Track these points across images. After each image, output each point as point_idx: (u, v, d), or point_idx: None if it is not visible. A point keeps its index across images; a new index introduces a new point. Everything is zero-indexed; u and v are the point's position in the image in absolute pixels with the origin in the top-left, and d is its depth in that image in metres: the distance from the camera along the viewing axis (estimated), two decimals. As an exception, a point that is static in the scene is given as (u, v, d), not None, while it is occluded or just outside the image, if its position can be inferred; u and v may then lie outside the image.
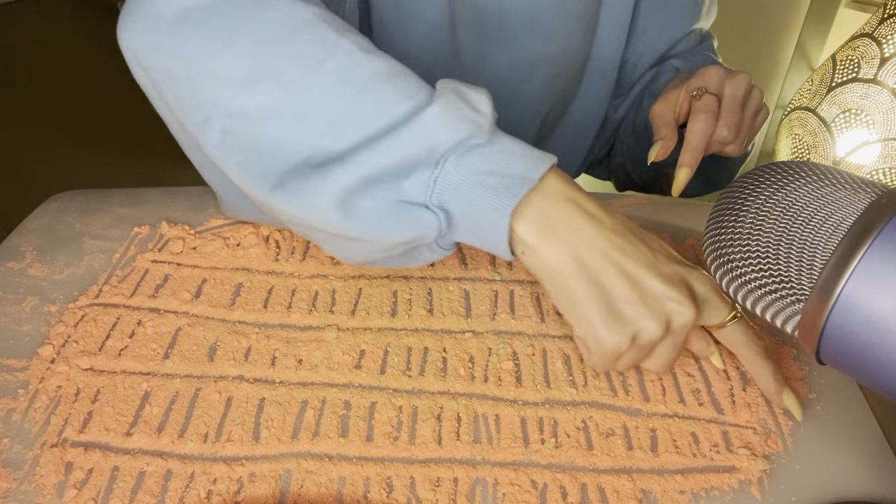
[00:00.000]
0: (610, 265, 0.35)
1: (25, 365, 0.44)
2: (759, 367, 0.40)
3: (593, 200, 0.37)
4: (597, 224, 0.36)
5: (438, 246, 0.38)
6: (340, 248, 0.39)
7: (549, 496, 0.37)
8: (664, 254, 0.38)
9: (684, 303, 0.36)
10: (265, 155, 0.35)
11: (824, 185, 0.31)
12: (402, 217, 0.35)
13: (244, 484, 0.38)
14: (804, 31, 1.35)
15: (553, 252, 0.36)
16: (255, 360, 0.45)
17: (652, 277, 0.36)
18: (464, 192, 0.35)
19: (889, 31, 1.02)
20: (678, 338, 0.37)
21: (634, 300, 0.35)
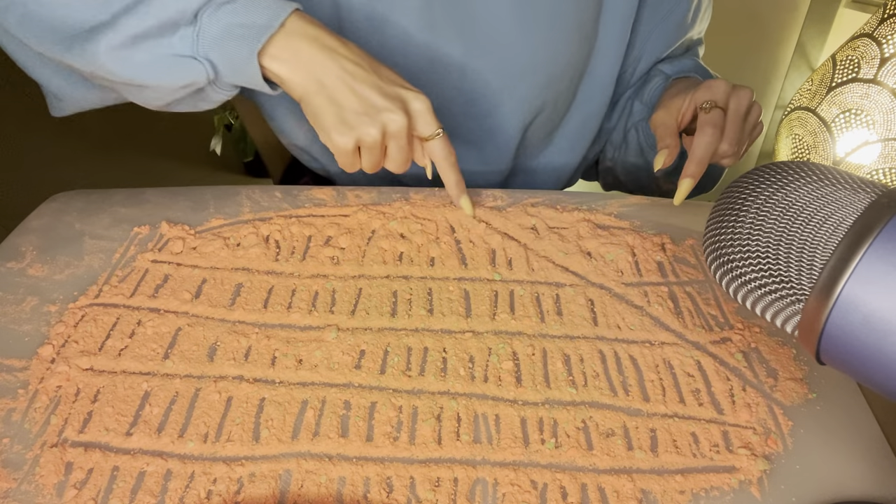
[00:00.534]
0: (342, 84, 0.46)
1: (25, 365, 0.44)
2: (445, 176, 0.53)
3: (334, 36, 0.47)
4: (332, 53, 0.46)
5: (219, 88, 0.47)
6: (137, 95, 0.48)
7: (549, 496, 0.37)
8: (390, 78, 0.48)
9: (396, 112, 0.47)
10: (55, 26, 0.44)
11: (824, 185, 0.31)
12: (174, 66, 0.44)
13: (244, 484, 0.38)
14: (804, 31, 1.35)
15: (298, 77, 0.46)
16: (255, 360, 0.45)
17: (374, 93, 0.46)
18: (220, 43, 0.44)
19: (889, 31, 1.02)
20: (399, 141, 0.48)
21: (359, 110, 0.46)
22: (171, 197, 0.59)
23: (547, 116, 0.68)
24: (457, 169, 0.53)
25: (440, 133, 0.50)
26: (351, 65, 0.46)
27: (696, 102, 0.55)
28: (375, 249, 0.54)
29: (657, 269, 0.54)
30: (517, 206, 0.59)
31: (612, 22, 0.63)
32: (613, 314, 0.49)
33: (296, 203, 0.59)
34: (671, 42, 0.67)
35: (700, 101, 0.55)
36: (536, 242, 0.55)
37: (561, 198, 0.61)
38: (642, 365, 0.45)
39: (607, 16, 0.62)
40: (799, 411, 0.43)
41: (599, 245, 0.55)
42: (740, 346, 0.47)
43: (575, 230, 0.57)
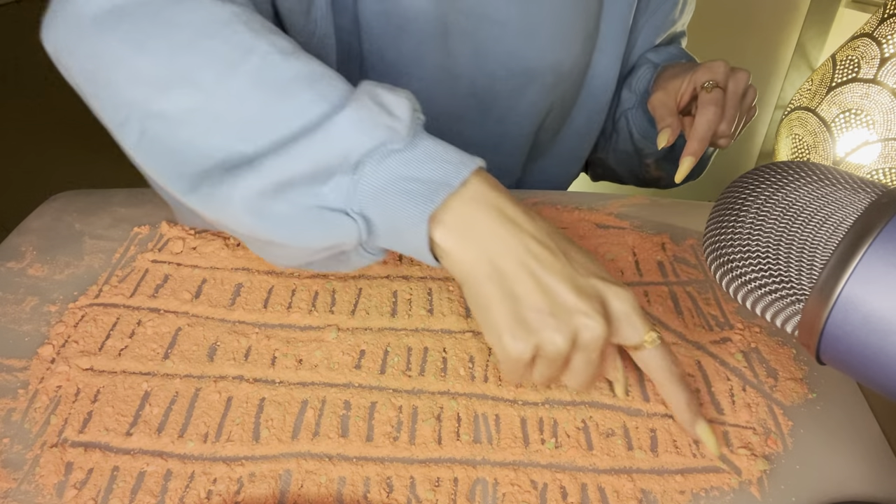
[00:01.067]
0: (523, 272, 0.35)
1: (25, 365, 0.44)
2: (674, 396, 0.39)
3: (519, 206, 0.37)
4: (516, 230, 0.36)
5: (365, 251, 0.38)
6: (265, 251, 0.39)
7: (549, 496, 0.37)
8: (585, 267, 0.37)
9: (593, 317, 0.35)
10: (181, 157, 0.36)
11: (824, 185, 0.31)
12: (320, 222, 0.35)
13: (244, 484, 0.38)
14: (804, 31, 1.35)
15: (468, 256, 0.36)
16: (255, 360, 0.45)
17: (565, 288, 0.35)
18: (383, 198, 0.35)
19: (889, 31, 1.02)
20: (591, 354, 0.36)
21: (543, 309, 0.35)
22: (171, 197, 0.60)
23: (554, 117, 0.68)
24: (685, 384, 0.39)
25: (656, 339, 0.38)
26: (538, 247, 0.36)
27: (696, 82, 0.56)
28: (375, 249, 0.54)
29: (657, 269, 0.54)
30: (517, 206, 0.59)
31: (612, 18, 0.64)
32: (613, 314, 0.49)
33: (296, 203, 0.59)
34: (660, 33, 0.68)
35: (701, 81, 0.55)
36: (536, 242, 0.55)
37: (561, 198, 0.61)
38: (642, 365, 0.45)
39: (608, 12, 0.63)
40: (799, 411, 0.43)
41: (599, 245, 0.55)
42: (740, 346, 0.47)
43: (575, 230, 0.57)
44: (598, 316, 0.35)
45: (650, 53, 0.68)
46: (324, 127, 0.34)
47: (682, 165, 0.54)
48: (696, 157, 0.54)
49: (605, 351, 0.37)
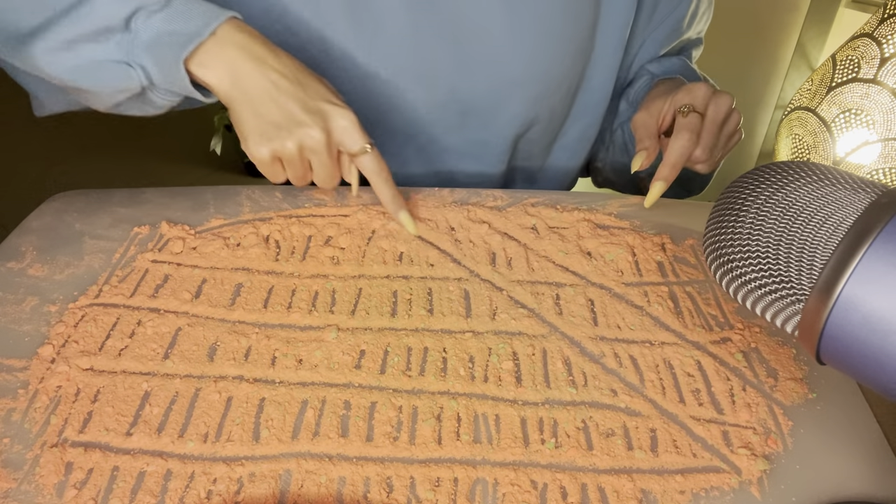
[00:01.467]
0: (265, 95, 0.47)
1: (25, 365, 0.44)
2: (381, 192, 0.53)
3: (266, 47, 0.47)
4: (260, 63, 0.47)
5: (159, 93, 0.48)
6: (83, 99, 0.49)
7: (549, 496, 0.37)
8: (317, 93, 0.48)
9: (314, 128, 0.48)
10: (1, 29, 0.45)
11: (824, 185, 0.31)
12: (108, 71, 0.45)
13: (244, 484, 0.38)
14: (804, 31, 1.35)
15: (223, 86, 0.47)
16: (255, 360, 0.45)
17: (296, 107, 0.47)
18: (152, 49, 0.45)
19: (889, 31, 1.02)
20: (320, 156, 0.49)
21: (278, 123, 0.47)
22: (171, 197, 0.60)
23: (543, 128, 0.67)
24: (391, 183, 0.53)
25: (368, 149, 0.50)
26: (277, 76, 0.47)
27: (675, 104, 0.55)
28: (375, 249, 0.54)
29: (657, 269, 0.54)
30: (517, 206, 0.59)
31: (608, 33, 0.62)
32: (613, 314, 0.49)
33: (296, 203, 0.59)
34: (666, 44, 0.67)
35: (678, 105, 0.54)
36: (536, 242, 0.55)
37: (561, 198, 0.61)
38: (642, 365, 0.45)
39: (603, 27, 0.62)
40: (799, 411, 0.43)
41: (599, 245, 0.55)
42: (740, 346, 0.47)
43: (575, 230, 0.57)
44: (317, 128, 0.48)
45: (651, 65, 0.67)
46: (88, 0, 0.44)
47: (651, 190, 0.54)
48: (667, 183, 0.53)
49: (335, 156, 0.50)
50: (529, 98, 0.63)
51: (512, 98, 0.63)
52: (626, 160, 0.71)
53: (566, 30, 0.60)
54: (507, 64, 0.60)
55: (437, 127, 0.64)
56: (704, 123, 0.53)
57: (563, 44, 0.60)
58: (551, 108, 0.65)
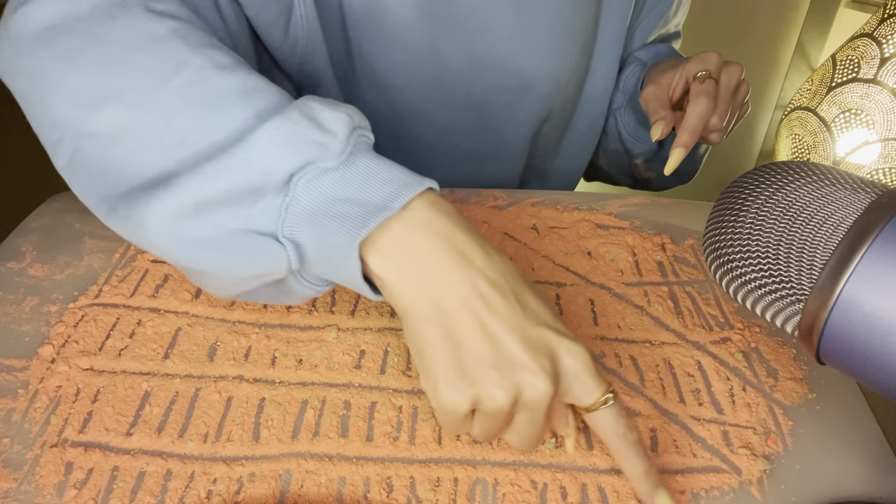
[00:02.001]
0: (468, 315, 0.31)
1: (25, 365, 0.44)
2: (629, 463, 0.34)
3: (473, 237, 0.33)
4: (464, 264, 0.32)
5: (305, 280, 0.34)
6: (198, 279, 0.35)
7: (549, 496, 0.37)
8: (538, 316, 0.33)
9: (539, 375, 0.31)
10: (111, 178, 0.33)
11: (824, 185, 0.31)
12: (244, 248, 0.31)
13: (244, 484, 0.38)
14: (804, 31, 1.35)
15: (407, 289, 0.32)
16: (255, 360, 0.45)
17: (512, 339, 0.31)
18: (315, 221, 0.31)
19: (889, 31, 1.02)
20: (535, 413, 0.32)
21: (485, 360, 0.31)
22: (171, 197, 0.59)
23: (554, 124, 0.68)
24: (641, 448, 0.35)
25: (610, 399, 0.33)
26: (488, 287, 0.32)
27: (688, 74, 0.55)
28: (375, 249, 0.54)
29: (657, 269, 0.54)
30: (517, 206, 0.59)
31: (610, 22, 0.63)
32: (613, 314, 0.49)
33: (296, 203, 0.59)
34: (652, 35, 0.68)
35: (693, 72, 0.54)
36: (536, 242, 0.55)
37: (561, 198, 0.61)
38: (642, 365, 0.45)
39: (605, 17, 0.62)
40: (799, 411, 0.43)
41: (599, 245, 0.55)
42: (740, 346, 0.47)
43: (575, 230, 0.57)
44: (543, 374, 0.31)
45: (639, 52, 0.68)
46: (242, 141, 0.31)
47: (671, 157, 0.53)
48: (687, 149, 0.52)
49: (553, 409, 0.35)
50: (543, 96, 0.63)
51: (526, 97, 0.63)
52: (618, 148, 0.71)
53: (574, 25, 0.60)
54: (521, 64, 0.60)
55: (456, 132, 0.64)
56: (719, 89, 0.53)
57: (571, 39, 0.61)
58: (562, 103, 0.66)
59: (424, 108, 0.61)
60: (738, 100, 0.55)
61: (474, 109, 0.63)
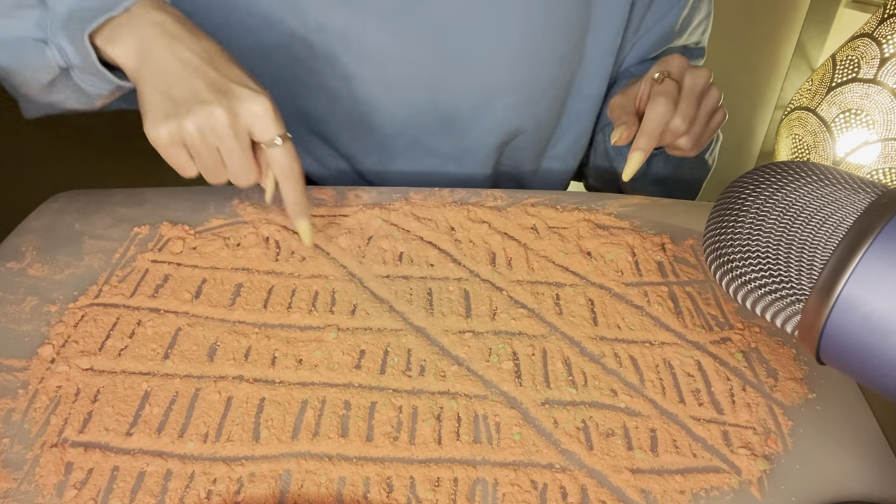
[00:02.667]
0: (171, 72, 0.42)
1: (25, 365, 0.44)
2: (288, 192, 0.47)
3: (184, 25, 0.44)
4: (172, 40, 0.43)
5: (82, 77, 0.45)
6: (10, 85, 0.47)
7: (549, 496, 0.37)
8: (230, 73, 0.44)
9: (216, 106, 0.42)
10: None
11: (824, 185, 0.31)
12: (27, 49, 0.43)
13: (244, 484, 0.38)
14: (804, 31, 1.35)
15: (131, 62, 0.43)
16: (255, 360, 0.45)
17: (202, 85, 0.42)
18: (67, 26, 0.42)
19: (889, 31, 1.02)
20: (225, 142, 0.43)
21: (178, 100, 0.42)
22: (171, 197, 0.59)
23: (530, 138, 0.66)
24: (300, 185, 0.47)
25: (279, 140, 0.44)
26: (188, 54, 0.43)
27: (649, 77, 0.52)
28: (375, 249, 0.54)
29: (657, 269, 0.54)
30: (517, 206, 0.59)
31: (599, 41, 0.61)
32: (613, 314, 0.49)
33: (296, 203, 0.59)
34: (652, 52, 0.65)
35: (653, 73, 0.51)
36: (536, 242, 0.55)
37: (561, 198, 0.61)
38: (642, 365, 0.45)
39: (594, 35, 0.60)
40: (799, 411, 0.43)
41: (599, 245, 0.55)
42: (740, 346, 0.47)
43: (575, 230, 0.57)
44: (220, 106, 0.42)
45: (634, 67, 0.65)
46: None
47: (629, 161, 0.50)
48: (645, 153, 0.49)
49: (245, 145, 0.44)
50: (513, 106, 0.62)
51: (495, 105, 0.62)
52: (607, 165, 0.70)
53: (552, 36, 0.59)
54: (490, 70, 0.60)
55: (418, 129, 0.64)
56: (682, 91, 0.50)
57: (548, 51, 0.59)
58: (537, 117, 0.64)
59: (387, 102, 0.61)
60: (706, 105, 0.51)
61: (438, 110, 0.62)
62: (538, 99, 0.62)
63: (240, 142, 0.44)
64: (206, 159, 0.44)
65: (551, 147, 0.70)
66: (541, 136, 0.67)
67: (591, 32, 0.61)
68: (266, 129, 0.44)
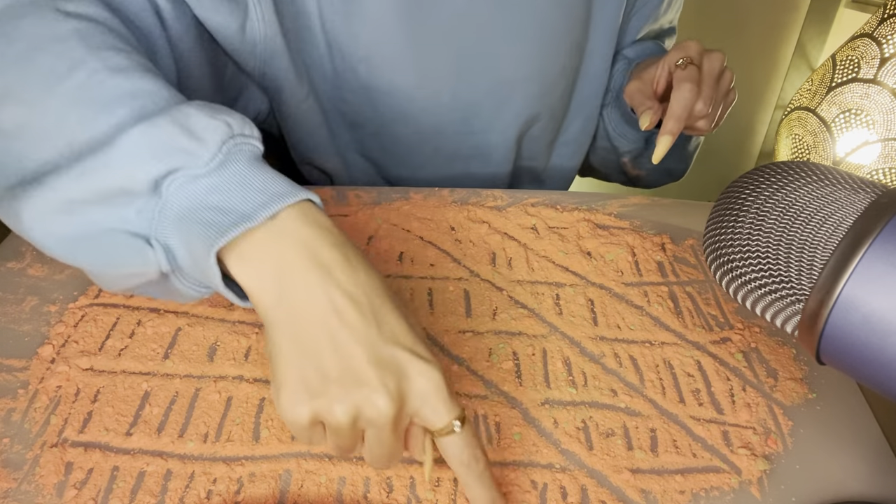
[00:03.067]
0: (321, 329, 0.31)
1: (25, 365, 0.44)
2: (472, 494, 0.34)
3: (341, 251, 0.32)
4: (325, 278, 0.31)
5: (187, 282, 0.34)
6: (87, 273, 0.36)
7: (549, 496, 0.37)
8: (395, 335, 0.32)
9: (380, 393, 0.31)
10: (4, 169, 0.33)
11: (824, 185, 0.31)
12: (114, 247, 0.32)
13: (244, 484, 0.38)
14: (804, 31, 1.35)
15: (266, 297, 0.31)
16: (255, 360, 0.45)
17: (360, 355, 0.31)
18: (183, 226, 0.31)
19: (889, 31, 1.02)
20: (380, 432, 0.32)
21: (330, 375, 0.31)
22: (171, 197, 0.59)
23: (544, 126, 0.67)
24: (489, 478, 0.34)
25: (457, 427, 0.32)
26: (346, 302, 0.31)
27: (669, 63, 0.54)
28: (375, 249, 0.54)
29: (657, 269, 0.54)
30: (517, 206, 0.59)
31: (601, 23, 0.62)
32: (613, 314, 0.49)
33: (296, 203, 0.59)
34: (641, 32, 0.67)
35: (674, 61, 0.54)
36: (536, 242, 0.55)
37: (561, 198, 0.61)
38: (642, 365, 0.45)
39: (597, 17, 0.62)
40: (799, 411, 0.43)
41: (599, 245, 0.55)
42: (740, 346, 0.47)
43: (575, 230, 0.57)
44: (384, 392, 0.31)
45: (626, 49, 0.67)
46: (110, 143, 0.31)
47: (658, 145, 0.52)
48: (674, 136, 0.52)
49: (403, 430, 0.33)
50: (530, 96, 0.63)
51: (513, 97, 0.63)
52: (607, 145, 0.71)
53: (561, 24, 0.60)
54: (506, 63, 0.60)
55: (442, 133, 0.64)
56: (703, 76, 0.53)
57: (559, 39, 0.60)
58: (551, 104, 0.65)
59: (408, 111, 0.61)
60: (722, 87, 0.55)
61: (460, 111, 0.62)
62: (552, 86, 0.63)
63: (396, 430, 0.32)
64: (345, 441, 0.33)
65: (563, 133, 0.70)
66: (554, 123, 0.68)
67: (594, 17, 0.62)
68: (438, 415, 0.32)
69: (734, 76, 0.56)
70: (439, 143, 0.65)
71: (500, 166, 0.69)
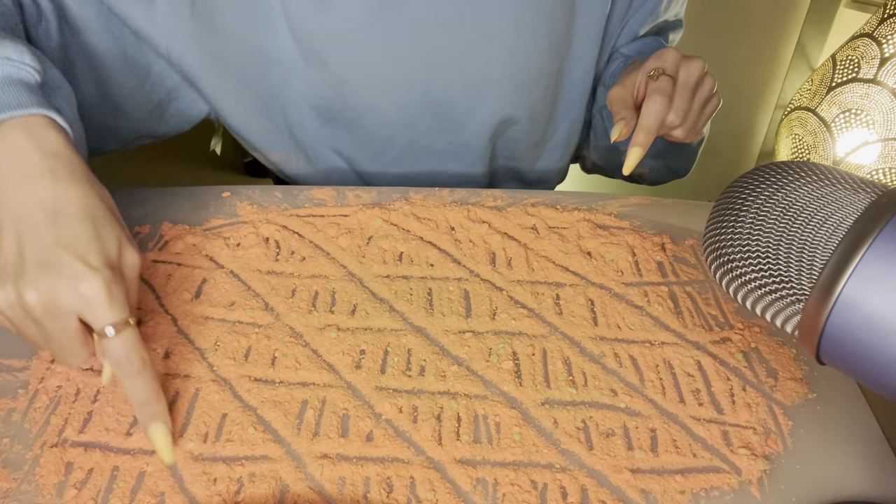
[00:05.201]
0: (11, 228, 0.36)
1: (25, 365, 0.44)
2: (128, 389, 0.37)
3: (48, 162, 0.37)
4: (29, 183, 0.36)
5: None
6: None
7: (549, 496, 0.37)
8: (72, 244, 0.36)
9: (30, 289, 0.35)
10: None
11: (824, 185, 0.31)
12: None
13: (244, 484, 0.38)
14: (804, 31, 1.35)
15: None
16: (254, 360, 0.45)
17: (30, 254, 0.35)
18: None
19: (889, 31, 1.02)
20: (46, 324, 0.35)
21: (5, 266, 0.35)
22: (171, 197, 0.59)
23: (524, 128, 0.67)
24: (144, 382, 0.37)
25: (110, 331, 0.36)
26: (37, 206, 0.36)
27: (645, 72, 0.54)
28: (375, 249, 0.54)
29: (657, 269, 0.54)
30: (517, 206, 0.59)
31: (586, 26, 0.62)
32: (613, 314, 0.49)
33: (296, 203, 0.59)
34: (642, 29, 0.66)
35: (648, 70, 0.53)
36: (536, 242, 0.55)
37: (561, 198, 0.61)
38: (642, 365, 0.45)
39: (580, 20, 0.61)
40: (799, 411, 0.43)
41: (599, 245, 0.55)
42: (740, 346, 0.47)
43: (575, 230, 0.57)
44: (33, 288, 0.35)
45: (625, 47, 0.67)
46: None
47: (628, 156, 0.52)
48: (643, 149, 0.51)
49: (69, 327, 0.36)
50: (505, 96, 0.62)
51: (487, 97, 0.62)
52: (608, 144, 0.71)
53: (540, 25, 0.59)
54: (481, 62, 0.60)
55: (414, 129, 0.64)
56: (676, 87, 0.52)
57: (537, 39, 0.60)
58: (531, 106, 0.65)
59: (379, 105, 0.61)
60: (702, 95, 0.54)
61: (433, 107, 0.62)
62: (529, 89, 0.63)
63: (60, 326, 0.36)
64: (20, 330, 0.37)
65: (550, 138, 0.70)
66: (536, 126, 0.68)
67: (577, 19, 0.61)
68: (97, 317, 0.36)
69: (716, 82, 0.55)
70: (412, 136, 0.65)
71: (475, 165, 0.69)
